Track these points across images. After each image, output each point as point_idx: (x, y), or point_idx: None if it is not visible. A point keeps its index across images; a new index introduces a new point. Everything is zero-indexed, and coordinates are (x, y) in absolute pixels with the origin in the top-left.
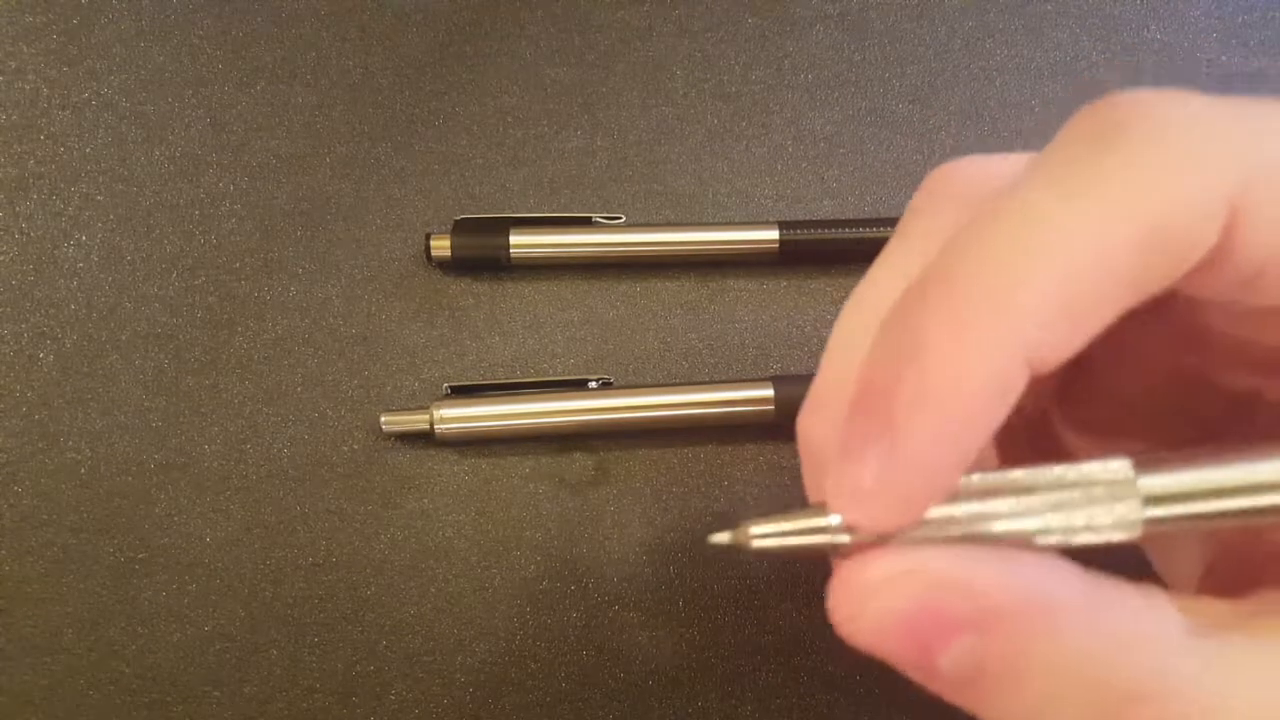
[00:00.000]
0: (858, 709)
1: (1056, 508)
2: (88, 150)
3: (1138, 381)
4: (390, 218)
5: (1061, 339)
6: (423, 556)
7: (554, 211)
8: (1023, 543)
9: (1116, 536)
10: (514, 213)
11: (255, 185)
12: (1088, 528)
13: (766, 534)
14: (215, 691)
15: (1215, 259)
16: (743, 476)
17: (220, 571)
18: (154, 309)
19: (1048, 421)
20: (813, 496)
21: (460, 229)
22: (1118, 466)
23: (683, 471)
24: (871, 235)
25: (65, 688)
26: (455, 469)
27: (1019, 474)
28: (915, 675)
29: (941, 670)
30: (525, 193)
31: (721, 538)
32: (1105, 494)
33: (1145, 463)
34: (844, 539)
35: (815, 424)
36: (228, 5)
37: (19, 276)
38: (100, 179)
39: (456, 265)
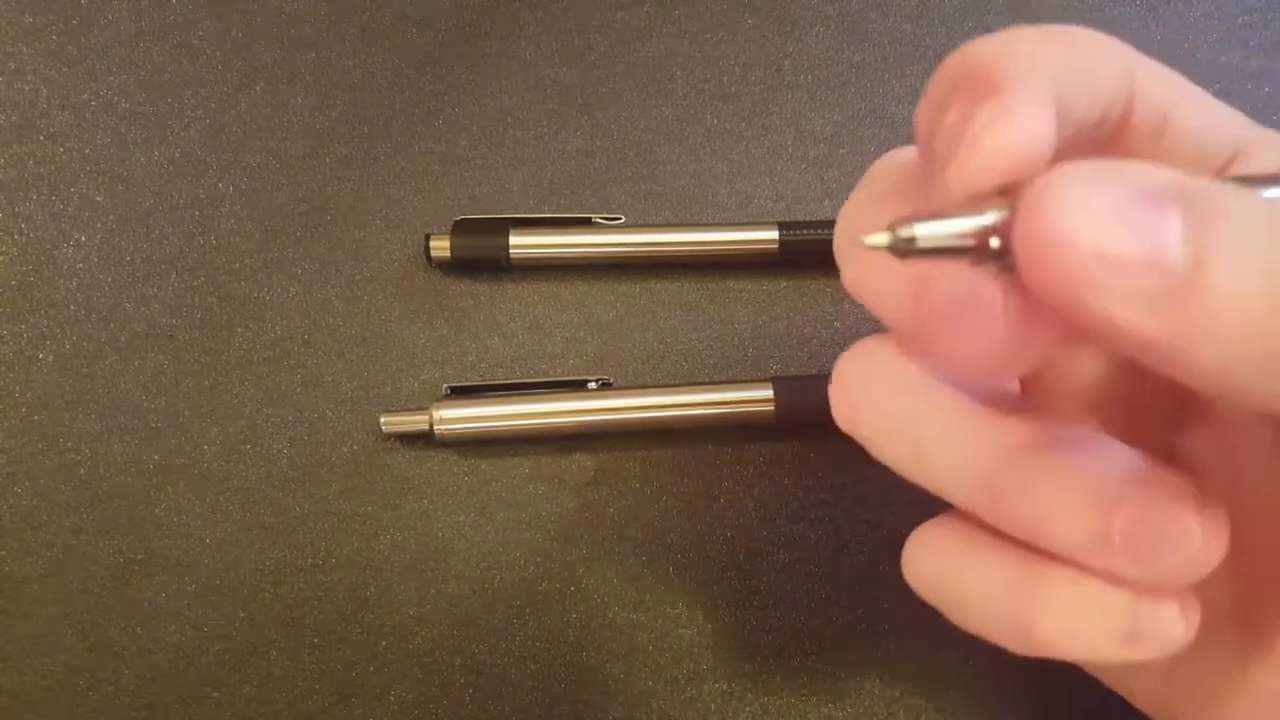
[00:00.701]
0: (858, 710)
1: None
2: (87, 151)
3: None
4: (390, 218)
5: (1082, 90)
6: (422, 557)
7: (554, 212)
8: None
9: None
10: (514, 213)
11: (255, 186)
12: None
13: (933, 232)
14: (214, 692)
15: (1130, 102)
16: (743, 477)
17: (220, 572)
18: (153, 310)
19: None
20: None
21: (460, 230)
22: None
23: (682, 472)
24: None
25: (65, 688)
26: (455, 470)
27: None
28: (1134, 298)
29: (1172, 265)
30: (525, 193)
31: (878, 239)
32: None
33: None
34: (1005, 212)
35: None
36: (228, 5)
37: (18, 277)
38: (100, 179)
39: (456, 266)
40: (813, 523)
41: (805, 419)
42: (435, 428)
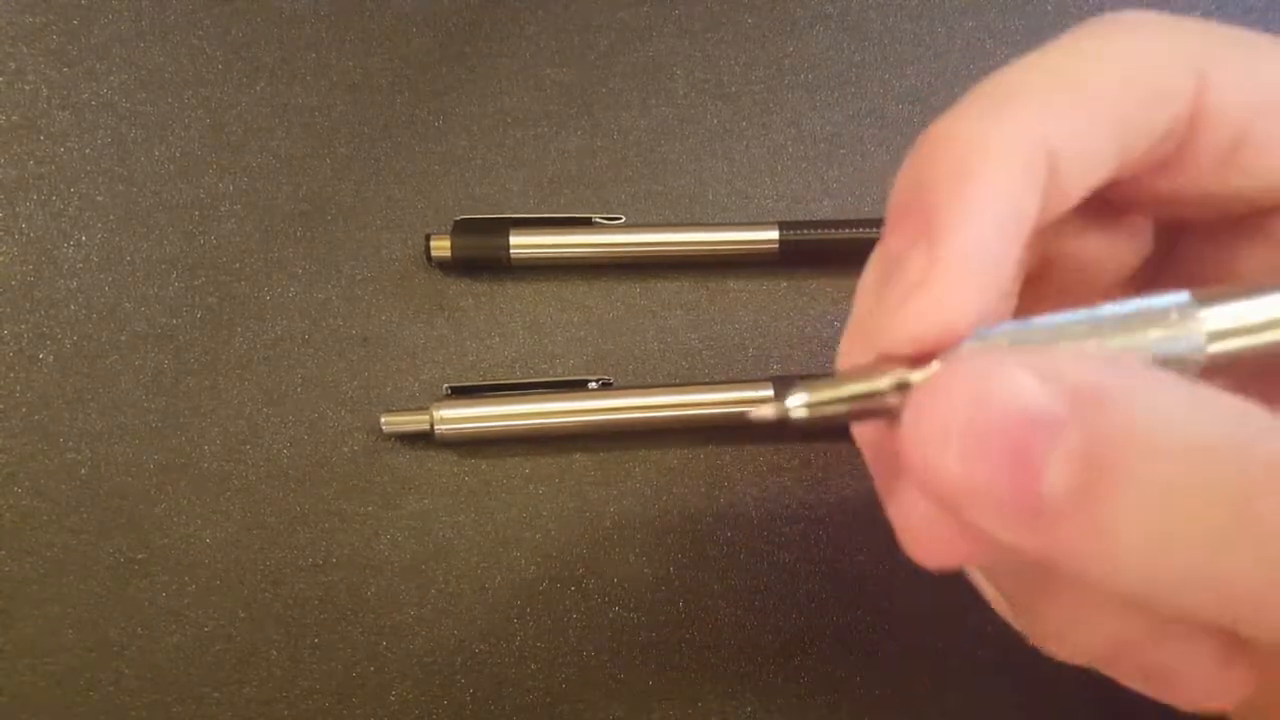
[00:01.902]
0: (858, 710)
1: (1122, 335)
2: (87, 151)
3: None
4: (390, 218)
5: (1077, 129)
6: (423, 557)
7: (554, 212)
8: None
9: (1179, 369)
10: (514, 213)
11: (255, 186)
12: (1153, 360)
13: (818, 400)
14: (215, 692)
15: (1195, 123)
16: (743, 477)
17: (220, 572)
18: (154, 309)
19: None
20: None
21: (460, 229)
22: (1179, 299)
23: (683, 472)
24: (872, 236)
25: (65, 688)
26: (455, 470)
27: (1080, 313)
28: (1011, 522)
29: (1046, 492)
30: (525, 193)
31: (765, 411)
32: (1166, 327)
33: (1205, 296)
34: (911, 377)
35: (850, 350)
36: (228, 5)
37: (19, 277)
38: (100, 179)
39: (456, 266)
40: (813, 523)
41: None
42: (436, 428)
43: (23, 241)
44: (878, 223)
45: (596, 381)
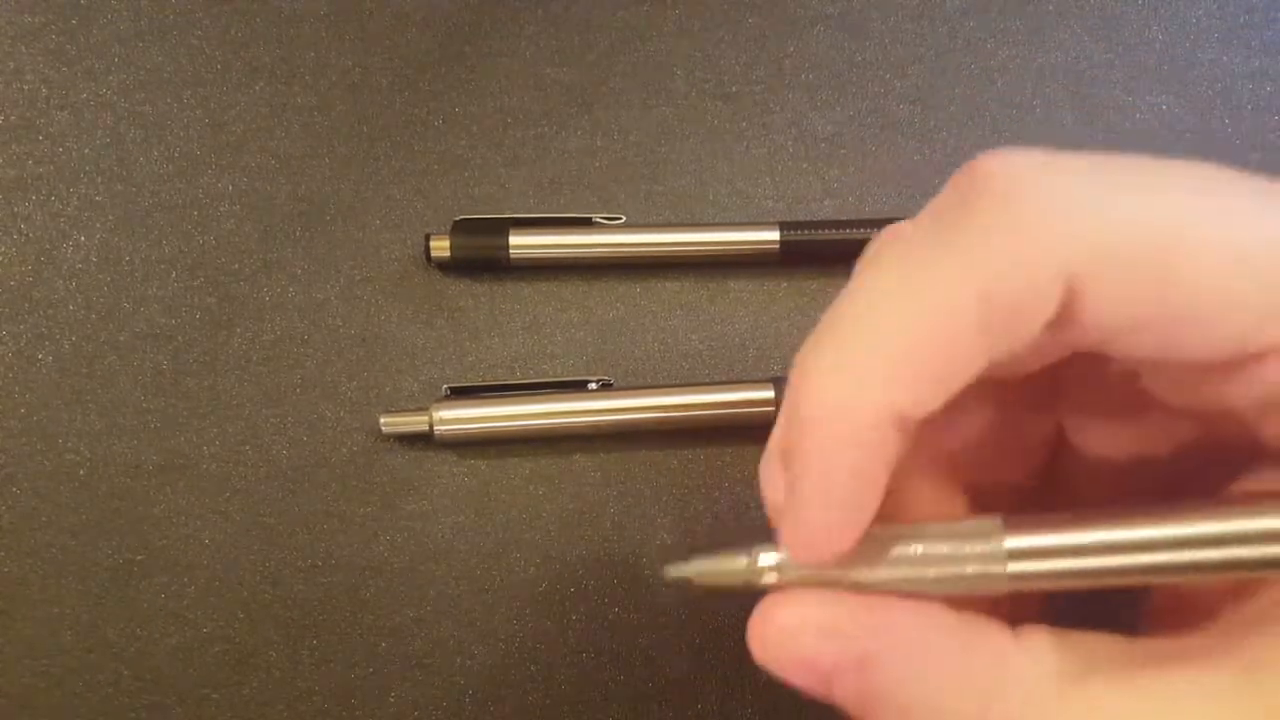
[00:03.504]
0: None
1: (936, 562)
2: (86, 151)
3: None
4: (390, 218)
5: (921, 392)
6: (422, 558)
7: (554, 212)
8: (911, 588)
9: (982, 588)
10: (513, 213)
11: (254, 185)
12: (958, 579)
13: (699, 572)
14: (214, 694)
15: (1063, 323)
16: (743, 478)
17: (219, 573)
18: (153, 310)
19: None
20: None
21: (460, 229)
22: (987, 525)
23: (683, 473)
24: (872, 236)
25: (64, 689)
26: (455, 470)
27: (909, 528)
28: (821, 698)
29: (837, 699)
30: (525, 193)
31: (679, 571)
32: (973, 550)
33: (1015, 523)
34: (769, 579)
35: (767, 484)
36: (227, 5)
37: (17, 277)
38: (99, 179)
39: (456, 266)
40: None
41: None
42: (435, 428)
43: (21, 242)
44: (879, 223)
45: (596, 382)
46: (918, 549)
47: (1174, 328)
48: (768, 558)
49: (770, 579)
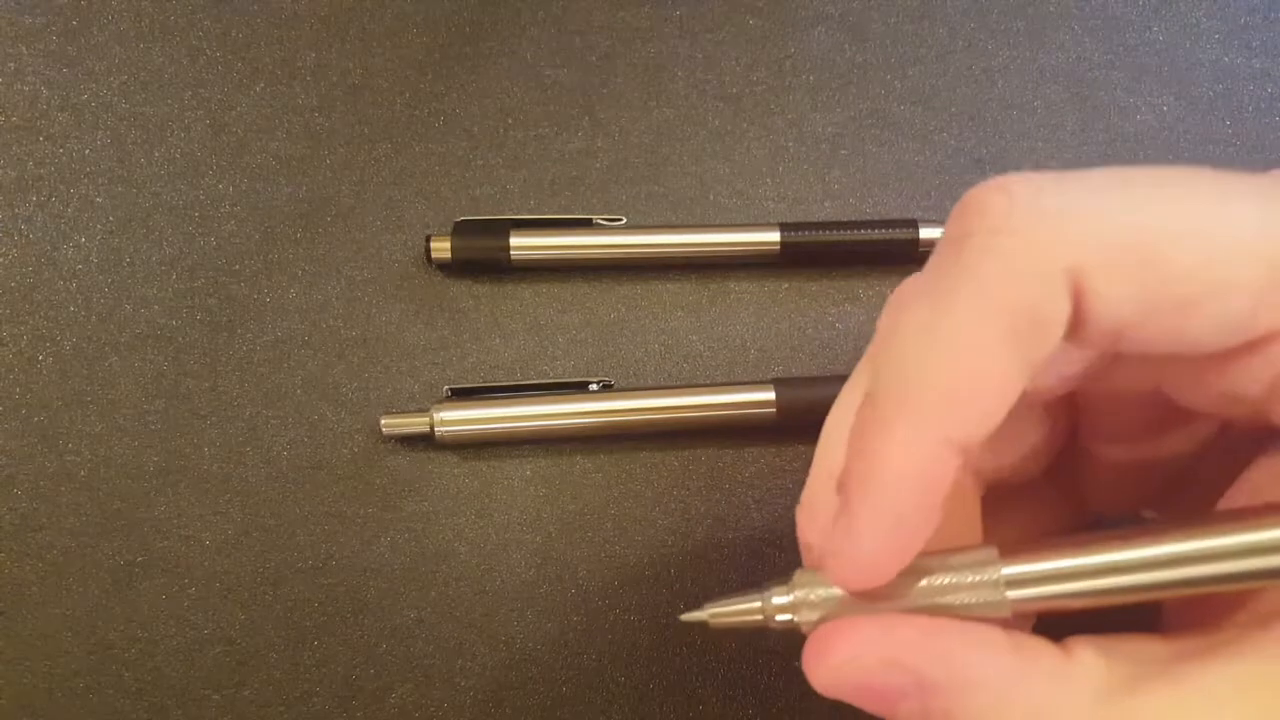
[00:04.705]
0: (859, 712)
1: (940, 593)
2: (87, 152)
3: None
4: (390, 219)
5: (972, 422)
6: (423, 559)
7: (554, 213)
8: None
9: (988, 614)
10: (514, 214)
11: (255, 187)
12: (964, 606)
13: (714, 615)
14: (214, 695)
15: (1078, 326)
16: (744, 479)
17: (219, 574)
18: (153, 311)
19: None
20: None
21: (460, 231)
22: (983, 555)
23: (684, 474)
24: (873, 237)
25: (64, 690)
26: (455, 471)
27: (930, 560)
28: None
29: (901, 718)
30: (525, 194)
31: (693, 616)
32: (972, 579)
33: (1011, 549)
34: (783, 618)
35: (807, 526)
36: (228, 6)
37: (18, 279)
38: (99, 181)
39: (457, 267)
40: None
41: (807, 420)
42: (436, 429)
43: (22, 243)
44: (879, 224)
45: (597, 383)
46: (926, 582)
47: (1177, 315)
48: (781, 598)
49: (785, 618)
